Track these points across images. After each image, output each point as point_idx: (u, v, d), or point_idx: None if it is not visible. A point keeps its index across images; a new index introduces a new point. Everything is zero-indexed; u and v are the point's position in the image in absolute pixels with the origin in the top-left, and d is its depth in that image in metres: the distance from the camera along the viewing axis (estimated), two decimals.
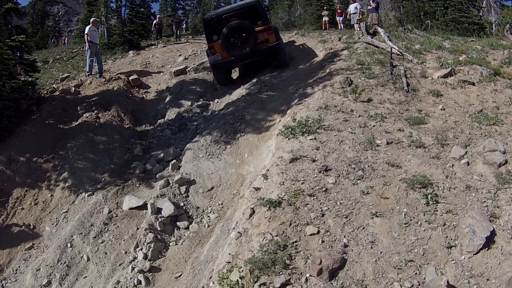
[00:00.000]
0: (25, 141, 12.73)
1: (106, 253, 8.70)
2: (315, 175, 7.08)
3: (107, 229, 9.26)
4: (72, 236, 9.16)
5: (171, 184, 10.22)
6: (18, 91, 13.98)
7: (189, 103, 15.85)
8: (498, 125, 8.75)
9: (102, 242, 8.97)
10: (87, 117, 14.22)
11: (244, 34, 15.03)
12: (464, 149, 7.69)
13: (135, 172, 11.45)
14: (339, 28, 32.20)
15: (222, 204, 9.38)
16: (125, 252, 8.67)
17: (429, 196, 6.25)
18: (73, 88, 17.13)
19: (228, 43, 15.01)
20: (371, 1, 25.43)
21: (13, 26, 18.32)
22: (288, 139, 8.64)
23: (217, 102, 15.53)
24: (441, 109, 9.78)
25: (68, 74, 21.15)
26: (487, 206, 6.15)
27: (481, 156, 7.41)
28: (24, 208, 10.70)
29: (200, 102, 15.63)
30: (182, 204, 9.62)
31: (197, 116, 14.66)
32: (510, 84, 10.93)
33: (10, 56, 15.14)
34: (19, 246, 9.69)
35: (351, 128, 8.78)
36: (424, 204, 6.17)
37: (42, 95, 16.48)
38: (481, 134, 8.40)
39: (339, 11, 34.01)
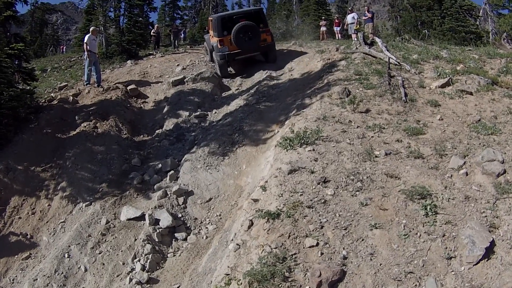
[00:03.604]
0: (23, 150, 12.71)
1: (103, 264, 8.67)
2: (313, 187, 7.08)
3: (105, 240, 9.21)
4: (69, 246, 9.11)
5: (169, 195, 10.20)
6: (16, 100, 13.95)
7: (187, 113, 15.78)
8: (496, 135, 8.75)
9: (99, 253, 8.93)
10: (85, 126, 14.18)
11: (250, 33, 19.09)
12: (463, 160, 7.68)
13: (133, 182, 11.41)
14: (337, 38, 32.30)
15: (220, 215, 9.36)
16: (123, 263, 8.63)
17: (428, 207, 6.24)
18: (71, 97, 17.10)
19: (238, 37, 18.97)
20: (366, 12, 25.53)
21: (11, 34, 18.25)
22: (287, 151, 8.64)
23: (215, 112, 15.53)
24: (439, 119, 9.78)
25: (66, 83, 21.06)
26: (486, 216, 6.14)
27: (480, 166, 7.40)
28: (22, 217, 10.67)
29: (198, 113, 15.61)
30: (180, 215, 9.59)
31: (195, 127, 14.63)
32: (507, 93, 10.95)
33: (9, 64, 15.23)
34: (16, 256, 9.65)
35: (349, 139, 8.78)
36: (423, 215, 6.16)
37: (40, 103, 16.47)
38: (480, 144, 8.39)
39: (336, 21, 34.09)
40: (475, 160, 7.63)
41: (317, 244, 5.77)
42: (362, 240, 5.83)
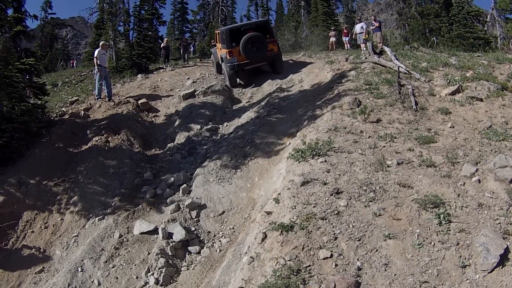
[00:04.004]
0: (35, 164, 12.74)
1: (117, 278, 8.64)
2: (326, 198, 7.08)
3: (118, 254, 9.18)
4: (82, 260, 9.08)
5: (182, 208, 10.18)
6: (27, 114, 14.01)
7: (199, 126, 15.82)
8: (508, 141, 8.72)
9: (113, 267, 8.89)
10: (97, 140, 14.25)
11: (257, 43, 19.68)
12: (475, 167, 7.65)
13: (146, 196, 11.41)
14: (346, 48, 32.28)
15: (233, 228, 9.33)
16: (136, 277, 8.59)
17: (442, 215, 6.22)
18: (83, 112, 17.21)
19: (246, 48, 19.52)
20: (373, 21, 25.52)
21: (22, 49, 18.35)
22: (299, 162, 8.66)
23: (226, 125, 15.54)
24: (450, 127, 9.78)
25: (77, 98, 21.23)
26: (500, 223, 6.12)
27: (492, 173, 7.37)
28: (34, 231, 10.68)
29: (210, 126, 15.64)
30: (193, 228, 9.57)
31: (206, 140, 14.63)
32: None
33: (20, 79, 15.34)
34: (29, 269, 9.63)
35: (361, 150, 8.80)
36: (437, 224, 6.14)
37: (52, 118, 16.54)
38: (491, 150, 8.36)
39: (345, 31, 34.10)
40: (487, 167, 7.60)
41: (331, 255, 5.76)
42: (376, 250, 5.82)
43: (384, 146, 8.93)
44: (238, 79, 21.46)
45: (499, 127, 9.50)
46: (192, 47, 43.72)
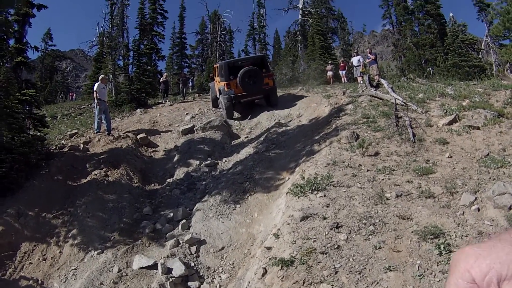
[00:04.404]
0: (34, 196, 12.71)
1: None
2: (326, 233, 7.08)
3: None
4: None
5: (181, 244, 10.12)
6: (27, 145, 14.05)
7: (198, 162, 15.93)
8: (506, 167, 8.76)
9: None
10: (96, 174, 14.29)
11: (254, 77, 20.80)
12: (474, 195, 7.67)
13: (145, 231, 11.38)
14: (343, 81, 32.54)
15: (233, 264, 9.27)
16: None
17: (442, 246, 6.19)
18: (82, 145, 17.30)
19: (243, 81, 20.57)
20: (369, 54, 25.75)
21: (23, 79, 18.49)
22: (298, 197, 8.68)
23: (225, 161, 15.64)
24: (448, 157, 9.83)
25: (76, 131, 21.40)
26: None
27: (491, 201, 7.40)
28: (32, 263, 10.59)
29: (209, 161, 15.75)
30: (193, 264, 9.50)
31: (205, 175, 14.70)
32: None
33: (20, 109, 15.48)
34: None
35: (360, 183, 8.83)
36: (437, 254, 6.12)
37: (51, 150, 16.62)
38: (490, 178, 8.40)
39: (342, 64, 34.44)
40: (486, 195, 7.62)
41: None
42: (377, 283, 5.80)
43: (382, 179, 8.96)
44: (234, 111, 22.37)
45: (496, 154, 9.56)
46: (190, 82, 44.09)
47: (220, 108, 23.52)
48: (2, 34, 15.95)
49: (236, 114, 22.51)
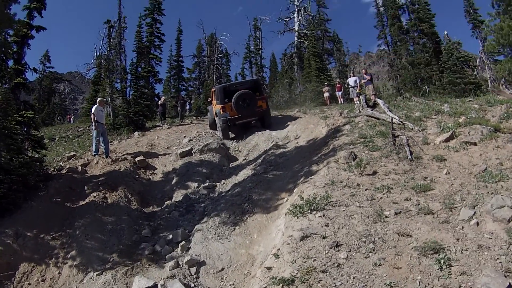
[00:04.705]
0: (32, 217, 12.66)
1: None
2: (326, 252, 7.10)
3: None
4: None
5: (181, 265, 10.10)
6: (26, 167, 14.03)
7: (196, 184, 15.96)
8: (504, 181, 8.78)
9: None
10: (95, 196, 14.28)
11: (248, 100, 21.83)
12: (473, 210, 7.71)
13: (144, 253, 11.33)
14: (339, 102, 32.63)
15: (233, 284, 9.22)
16: None
17: (442, 260, 6.22)
18: (80, 167, 17.35)
19: (237, 104, 21.66)
20: (364, 74, 25.89)
21: (21, 101, 18.55)
22: (297, 218, 8.70)
23: (224, 183, 15.66)
24: (446, 174, 9.86)
25: (74, 153, 21.48)
26: (501, 262, 6.11)
27: (490, 214, 7.41)
28: (31, 284, 10.50)
29: (207, 184, 15.77)
30: (193, 285, 9.44)
31: (204, 198, 14.72)
32: (511, 138, 11.02)
33: (18, 131, 15.52)
34: None
35: (358, 202, 8.86)
36: (438, 269, 6.13)
37: (49, 172, 16.61)
38: (488, 192, 8.43)
39: (338, 85, 34.53)
40: (484, 209, 7.64)
41: None
42: None
43: (381, 198, 8.99)
44: (230, 133, 23.24)
45: (494, 169, 9.58)
46: (188, 105, 44.27)
47: (217, 130, 24.21)
48: (1, 55, 16.05)
49: (232, 135, 23.19)
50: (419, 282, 5.99)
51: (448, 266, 6.16)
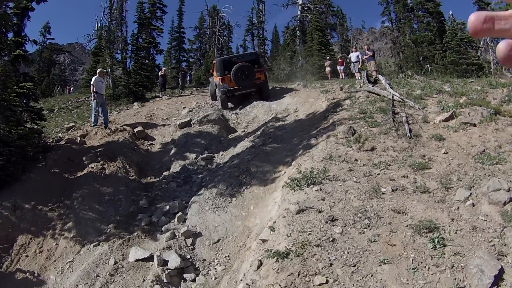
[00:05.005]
0: (30, 189, 12.68)
1: None
2: (322, 226, 7.13)
3: (113, 280, 9.06)
4: (77, 286, 8.98)
5: (177, 236, 10.16)
6: (24, 138, 14.06)
7: (194, 155, 15.93)
8: (501, 164, 8.79)
9: None
10: (93, 167, 14.27)
11: (246, 72, 22.23)
12: (469, 191, 7.73)
13: (141, 224, 11.37)
14: (341, 77, 32.47)
15: (228, 256, 9.28)
16: None
17: (436, 240, 6.26)
18: (79, 138, 17.28)
19: (236, 76, 22.02)
20: (366, 50, 25.69)
21: (21, 73, 18.48)
22: (294, 191, 8.73)
23: (222, 154, 15.63)
24: (444, 153, 9.86)
25: (73, 124, 21.58)
26: (494, 245, 6.16)
27: (486, 196, 7.44)
28: (29, 256, 10.55)
29: (205, 155, 15.72)
30: (188, 256, 9.51)
31: (202, 169, 14.72)
32: (511, 122, 11.00)
33: (18, 102, 15.41)
34: None
35: (356, 178, 8.87)
36: (431, 248, 6.18)
37: (48, 143, 16.60)
38: (485, 174, 8.44)
39: (340, 60, 34.34)
40: (481, 191, 7.67)
41: (327, 281, 5.79)
42: (372, 276, 5.84)
43: (378, 174, 9.01)
44: (229, 103, 24.08)
45: (492, 151, 9.57)
46: (188, 76, 44.06)
47: (217, 101, 24.58)
48: (1, 27, 15.92)
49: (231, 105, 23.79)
50: (413, 260, 6.04)
51: (442, 245, 6.20)
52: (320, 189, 8.44)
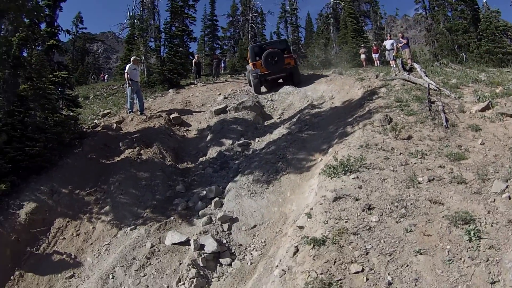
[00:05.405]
0: (67, 174, 12.93)
1: (147, 286, 8.68)
2: (358, 214, 7.18)
3: (150, 263, 9.25)
4: (114, 268, 9.16)
5: (214, 221, 10.27)
6: (60, 125, 14.35)
7: (230, 141, 15.97)
8: None
9: (144, 275, 8.96)
10: (129, 153, 14.46)
11: (276, 57, 23.25)
12: (505, 183, 7.64)
13: (178, 208, 11.52)
14: (376, 65, 32.30)
15: (264, 242, 9.37)
16: (167, 286, 8.66)
17: (472, 232, 6.24)
18: (115, 124, 17.46)
19: (267, 61, 23.13)
20: (401, 38, 25.43)
21: (55, 62, 18.75)
22: (331, 178, 8.79)
23: (258, 141, 15.65)
24: (480, 144, 9.78)
25: (109, 111, 21.67)
26: None
27: None
28: (66, 238, 10.80)
29: (241, 141, 15.75)
30: (224, 241, 9.64)
31: (238, 155, 14.79)
32: None
33: (53, 91, 15.85)
34: (59, 274, 9.71)
35: (392, 166, 8.88)
36: (467, 240, 6.17)
37: (84, 130, 16.84)
38: None
39: (374, 48, 34.19)
40: None
41: (363, 270, 5.83)
42: (407, 266, 5.87)
43: (415, 163, 8.99)
44: (262, 88, 24.86)
45: None
46: (223, 63, 44.11)
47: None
48: (33, 18, 16.13)
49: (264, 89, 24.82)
50: (448, 251, 6.04)
51: (477, 238, 6.18)
52: (357, 177, 8.48)
